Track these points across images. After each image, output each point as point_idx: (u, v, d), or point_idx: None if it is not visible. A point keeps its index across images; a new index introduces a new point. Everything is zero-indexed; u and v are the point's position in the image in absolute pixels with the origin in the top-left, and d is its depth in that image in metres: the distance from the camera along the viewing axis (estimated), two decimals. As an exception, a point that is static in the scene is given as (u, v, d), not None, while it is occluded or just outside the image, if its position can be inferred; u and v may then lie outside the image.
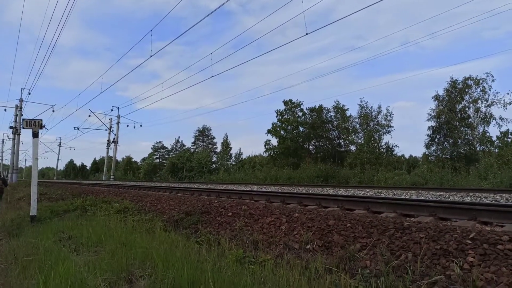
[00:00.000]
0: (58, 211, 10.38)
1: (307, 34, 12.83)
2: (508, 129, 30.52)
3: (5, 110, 44.27)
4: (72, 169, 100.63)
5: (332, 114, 39.36)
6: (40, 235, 6.67)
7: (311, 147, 40.97)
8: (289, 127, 40.39)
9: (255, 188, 15.14)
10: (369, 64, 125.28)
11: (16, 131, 43.06)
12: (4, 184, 17.83)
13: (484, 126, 28.38)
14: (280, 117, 41.25)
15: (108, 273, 4.05)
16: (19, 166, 52.30)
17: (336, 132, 39.25)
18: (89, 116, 45.06)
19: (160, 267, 3.99)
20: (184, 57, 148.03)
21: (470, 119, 28.76)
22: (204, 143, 67.54)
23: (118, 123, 49.06)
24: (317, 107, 39.86)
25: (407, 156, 36.63)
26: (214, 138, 67.01)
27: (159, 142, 74.92)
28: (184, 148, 66.99)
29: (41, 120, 9.72)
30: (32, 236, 6.67)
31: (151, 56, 18.37)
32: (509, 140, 35.72)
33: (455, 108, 28.74)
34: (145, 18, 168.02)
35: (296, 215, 5.88)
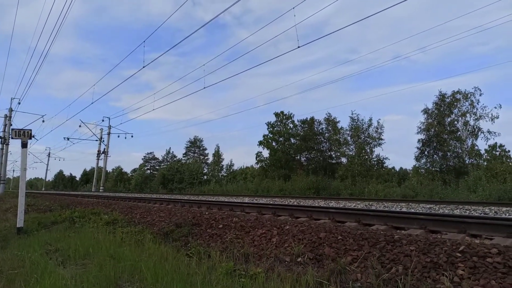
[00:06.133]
0: (46, 222, 10.18)
1: (299, 47, 13.08)
2: (496, 143, 31.07)
3: (-6, 119, 43.70)
4: (61, 180, 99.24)
5: (323, 126, 39.69)
6: (27, 247, 6.52)
7: (302, 159, 41.09)
8: (281, 139, 40.56)
9: (246, 199, 15.06)
10: (361, 77, 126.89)
11: (4, 141, 42.46)
12: None
13: (473, 140, 28.85)
14: (271, 129, 41.42)
15: (96, 286, 3.97)
16: (7, 176, 51.28)
17: (327, 144, 39.47)
18: (80, 126, 44.67)
19: (149, 281, 3.93)
20: (178, 68, 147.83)
21: (459, 132, 29.20)
22: (196, 154, 67.37)
23: (109, 133, 48.72)
24: (308, 119, 40.20)
25: (397, 168, 36.88)
26: (205, 149, 66.93)
27: (150, 153, 74.42)
28: (175, 159, 66.68)
29: (31, 130, 9.60)
30: (18, 248, 6.52)
31: (143, 66, 18.46)
32: (497, 153, 36.40)
33: (444, 122, 29.18)
34: (140, 29, 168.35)
35: (287, 227, 5.86)
